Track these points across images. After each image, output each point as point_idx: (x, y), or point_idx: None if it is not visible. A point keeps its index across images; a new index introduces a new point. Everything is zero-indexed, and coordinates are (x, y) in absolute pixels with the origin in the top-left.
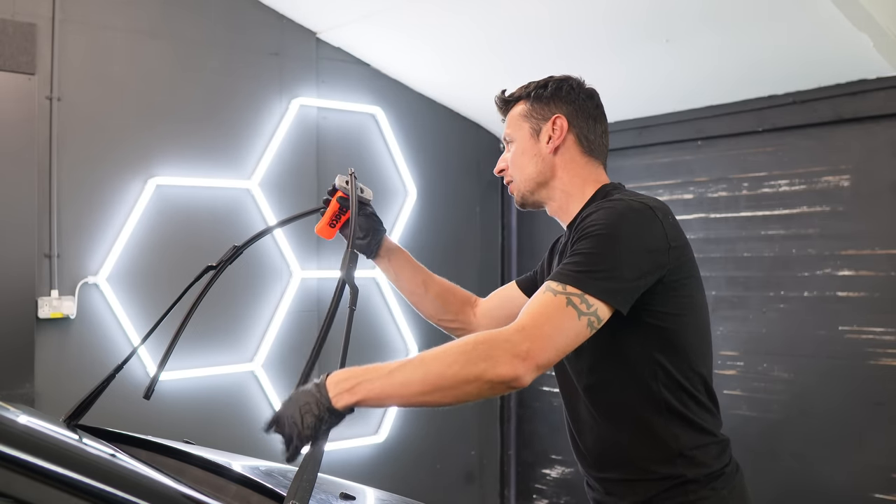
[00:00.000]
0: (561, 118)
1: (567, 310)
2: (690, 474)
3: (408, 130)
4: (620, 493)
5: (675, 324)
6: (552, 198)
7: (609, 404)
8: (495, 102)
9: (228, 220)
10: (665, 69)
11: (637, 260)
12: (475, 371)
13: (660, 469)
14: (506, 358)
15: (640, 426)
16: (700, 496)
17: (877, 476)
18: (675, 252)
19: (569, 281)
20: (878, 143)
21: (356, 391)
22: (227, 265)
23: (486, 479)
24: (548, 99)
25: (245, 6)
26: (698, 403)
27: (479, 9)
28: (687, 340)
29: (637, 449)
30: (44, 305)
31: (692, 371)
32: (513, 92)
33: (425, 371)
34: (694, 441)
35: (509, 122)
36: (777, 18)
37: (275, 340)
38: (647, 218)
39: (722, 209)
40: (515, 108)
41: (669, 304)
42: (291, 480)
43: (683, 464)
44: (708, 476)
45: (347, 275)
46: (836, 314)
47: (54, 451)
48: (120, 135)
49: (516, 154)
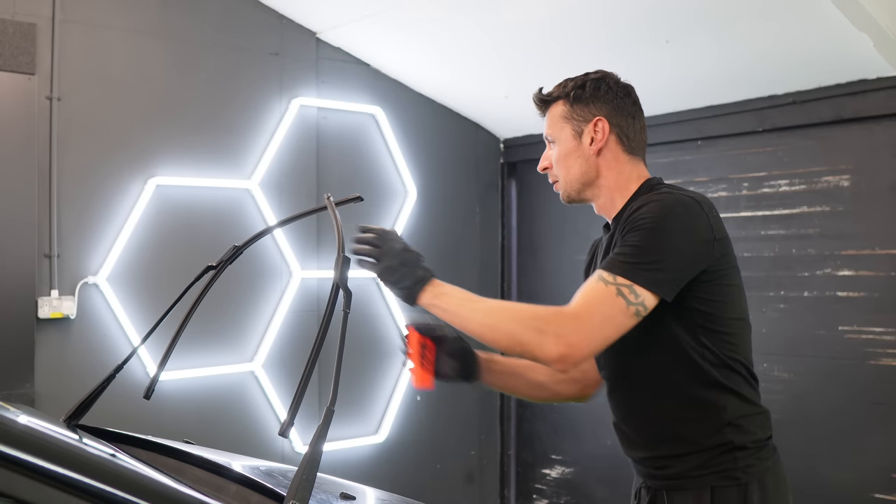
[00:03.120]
0: (602, 121)
1: (617, 300)
2: (738, 441)
3: (408, 130)
4: (672, 465)
5: (718, 309)
6: (597, 196)
7: (659, 384)
8: (533, 100)
9: (228, 220)
10: (665, 69)
11: (683, 251)
12: (525, 339)
13: (710, 439)
14: (554, 341)
15: (690, 401)
16: (748, 463)
17: (877, 476)
18: (720, 244)
19: (619, 271)
20: (878, 143)
21: (438, 296)
22: (228, 265)
23: (486, 479)
24: (587, 100)
25: (245, 6)
26: (742, 377)
27: (480, 9)
28: (729, 323)
29: (688, 423)
30: (44, 305)
31: (734, 350)
32: (550, 91)
33: (490, 318)
34: (740, 411)
35: (550, 121)
36: (777, 18)
37: (275, 340)
38: (695, 212)
39: (722, 209)
40: (555, 108)
41: (714, 292)
42: (291, 480)
43: (732, 431)
44: (754, 443)
45: (341, 278)
46: (836, 314)
47: (54, 451)
48: (120, 135)
49: (560, 155)
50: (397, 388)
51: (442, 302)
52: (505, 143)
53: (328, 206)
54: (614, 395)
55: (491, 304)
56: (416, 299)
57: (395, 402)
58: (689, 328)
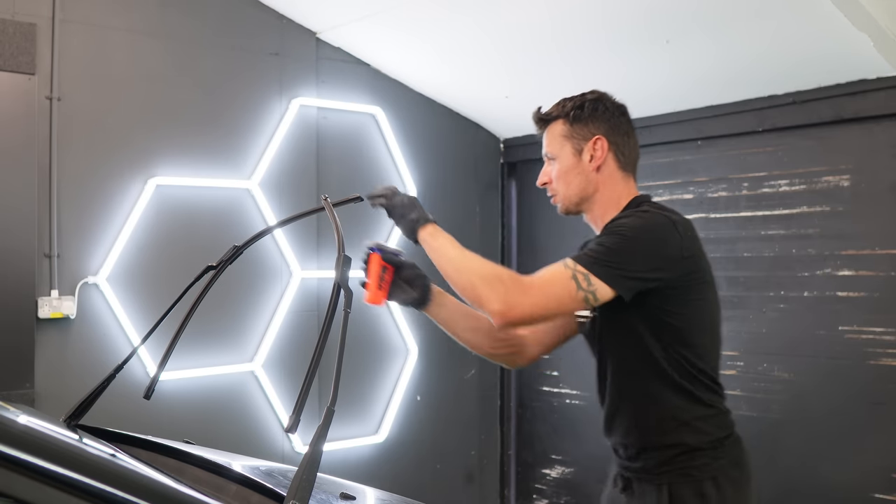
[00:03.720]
0: (601, 139)
1: (569, 283)
2: (694, 442)
3: (408, 130)
4: (640, 458)
5: (687, 322)
6: (592, 209)
7: (630, 384)
8: (533, 119)
9: (228, 220)
10: (665, 69)
11: (646, 260)
12: (478, 288)
13: (668, 437)
14: (499, 298)
15: (653, 401)
16: (704, 462)
17: (877, 476)
18: (688, 262)
19: (581, 262)
20: (878, 143)
21: (434, 234)
22: (228, 265)
23: (486, 479)
24: (586, 119)
25: (245, 6)
26: (703, 384)
27: (480, 9)
28: (699, 335)
29: (650, 420)
30: (44, 305)
31: (700, 360)
32: (549, 110)
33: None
34: (697, 412)
35: (550, 140)
36: (776, 18)
37: (275, 340)
38: (668, 230)
39: (722, 209)
40: (555, 127)
41: (683, 306)
42: (291, 480)
43: (688, 432)
44: (710, 444)
45: (342, 278)
46: (836, 314)
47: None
48: (120, 135)
49: (561, 171)
50: (397, 388)
51: (435, 241)
52: (505, 143)
53: (326, 207)
54: (600, 389)
55: (470, 255)
56: (417, 231)
57: (395, 402)
58: (659, 337)
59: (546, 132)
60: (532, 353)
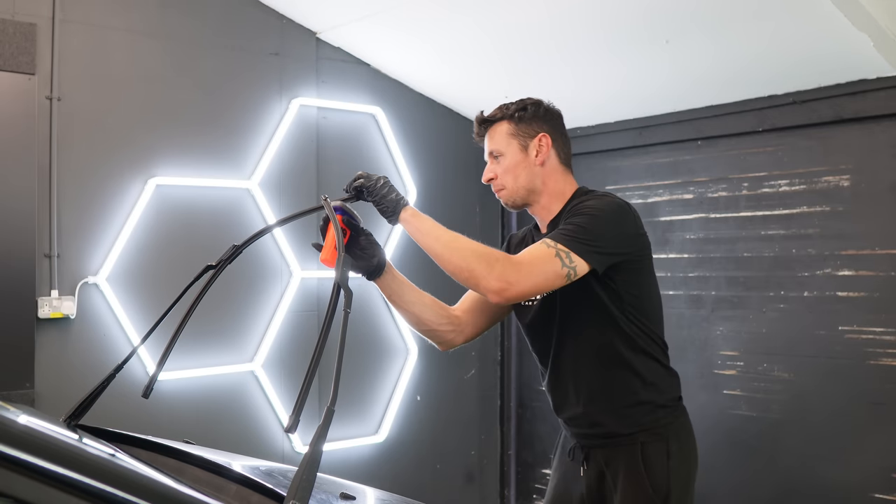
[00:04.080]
0: (546, 136)
1: (555, 260)
2: (659, 400)
3: (408, 130)
4: (605, 424)
5: (644, 292)
6: (539, 200)
7: (598, 350)
8: (476, 121)
9: (228, 220)
10: (665, 69)
11: (614, 236)
12: (474, 267)
13: (635, 396)
14: (497, 276)
15: (620, 364)
16: (668, 420)
17: (877, 476)
18: (643, 239)
19: (560, 241)
20: (878, 143)
21: (416, 216)
22: (227, 264)
23: (486, 479)
24: (530, 119)
25: (245, 6)
26: (658, 346)
27: (480, 9)
28: (650, 303)
29: (618, 382)
30: (44, 305)
31: (654, 325)
32: (493, 113)
33: (454, 242)
34: (658, 373)
35: (496, 139)
36: (776, 18)
37: (275, 340)
38: (626, 210)
39: (722, 209)
40: (499, 127)
41: (639, 279)
42: (291, 480)
43: (652, 390)
44: (671, 401)
45: (342, 278)
46: (836, 314)
47: (54, 451)
48: (120, 135)
49: (509, 167)
50: (397, 388)
51: (419, 220)
52: None
53: (325, 206)
54: (552, 365)
55: (457, 234)
56: (399, 212)
57: (395, 402)
58: (621, 307)
59: (489, 133)
60: (468, 333)
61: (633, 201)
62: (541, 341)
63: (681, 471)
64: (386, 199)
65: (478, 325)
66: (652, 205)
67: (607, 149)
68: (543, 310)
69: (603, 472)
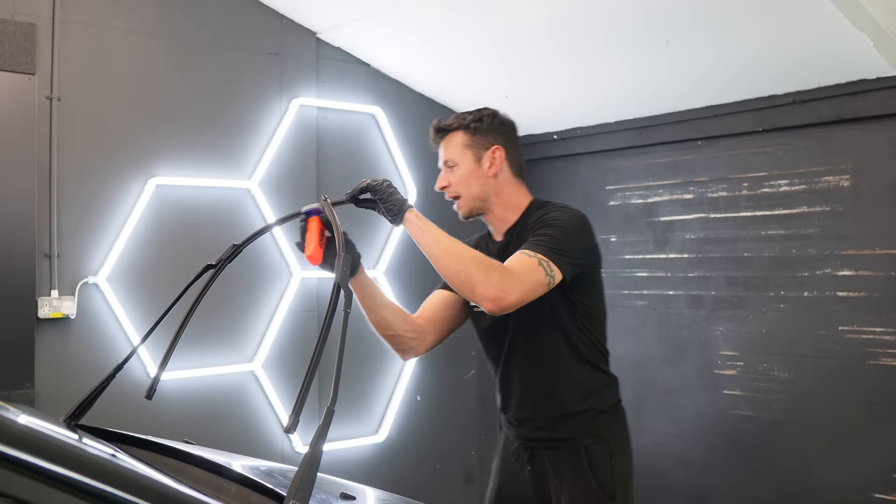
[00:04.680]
0: (499, 149)
1: (539, 269)
2: (601, 406)
3: (408, 130)
4: (550, 428)
5: (594, 303)
6: (493, 210)
7: (547, 359)
8: (433, 129)
9: (228, 220)
10: (665, 69)
11: (581, 248)
12: (473, 273)
13: (580, 405)
14: (494, 284)
15: (566, 373)
16: (608, 424)
17: (877, 476)
18: (597, 249)
19: (541, 251)
20: (878, 143)
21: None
22: (227, 264)
23: (486, 479)
24: (485, 131)
25: (245, 6)
26: (601, 354)
27: (480, 9)
28: (597, 313)
29: (564, 390)
30: (44, 305)
31: (599, 333)
32: (449, 122)
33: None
34: (600, 381)
35: (451, 148)
36: (776, 18)
37: (275, 340)
38: (587, 222)
39: (722, 209)
40: (455, 137)
41: (592, 289)
42: (291, 480)
43: (595, 398)
44: (611, 407)
45: (342, 278)
46: (836, 314)
47: (54, 451)
48: (120, 135)
49: (462, 176)
50: (397, 388)
51: (423, 223)
52: None
53: (325, 207)
54: (503, 370)
55: (458, 241)
56: (404, 211)
57: (395, 402)
58: (574, 317)
59: (444, 142)
60: (430, 341)
61: (633, 201)
62: (495, 347)
63: (623, 468)
64: (392, 197)
65: (439, 332)
66: (652, 205)
67: (607, 149)
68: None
69: (548, 472)
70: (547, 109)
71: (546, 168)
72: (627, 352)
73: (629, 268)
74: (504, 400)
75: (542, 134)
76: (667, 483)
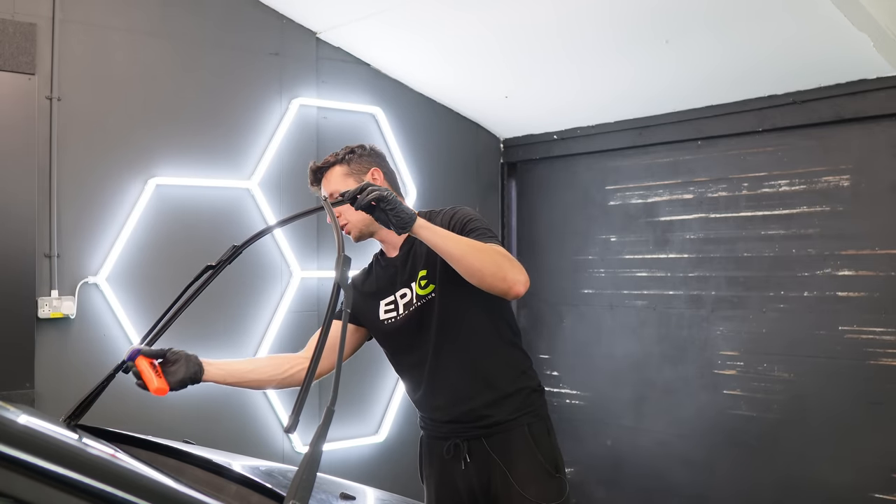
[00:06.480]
0: (377, 170)
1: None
2: (532, 384)
3: (408, 130)
4: (492, 415)
5: None
6: (380, 229)
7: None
8: (311, 170)
9: (228, 220)
10: (665, 69)
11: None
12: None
13: (514, 384)
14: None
15: (499, 355)
16: (541, 402)
17: (877, 476)
18: None
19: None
20: (878, 143)
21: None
22: (227, 265)
23: None
24: (360, 158)
25: (245, 6)
26: (518, 336)
27: (481, 8)
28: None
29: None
30: (44, 305)
31: (510, 316)
32: (325, 160)
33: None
34: (526, 362)
35: (333, 182)
36: (776, 18)
37: (275, 340)
38: None
39: (722, 209)
40: (334, 171)
41: None
42: (291, 480)
43: (526, 378)
44: (539, 387)
45: (341, 278)
46: (836, 314)
47: (54, 451)
48: (120, 135)
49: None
50: (397, 388)
51: (432, 228)
52: (505, 143)
53: (325, 207)
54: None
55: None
56: (414, 219)
57: (395, 402)
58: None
59: (324, 180)
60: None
61: (633, 201)
62: (416, 352)
63: (557, 445)
64: (400, 206)
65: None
66: (652, 205)
67: (607, 149)
68: (418, 317)
69: (490, 459)
70: (549, 110)
71: (546, 168)
72: (627, 352)
73: (629, 268)
74: (437, 403)
75: (542, 134)
76: (667, 483)
